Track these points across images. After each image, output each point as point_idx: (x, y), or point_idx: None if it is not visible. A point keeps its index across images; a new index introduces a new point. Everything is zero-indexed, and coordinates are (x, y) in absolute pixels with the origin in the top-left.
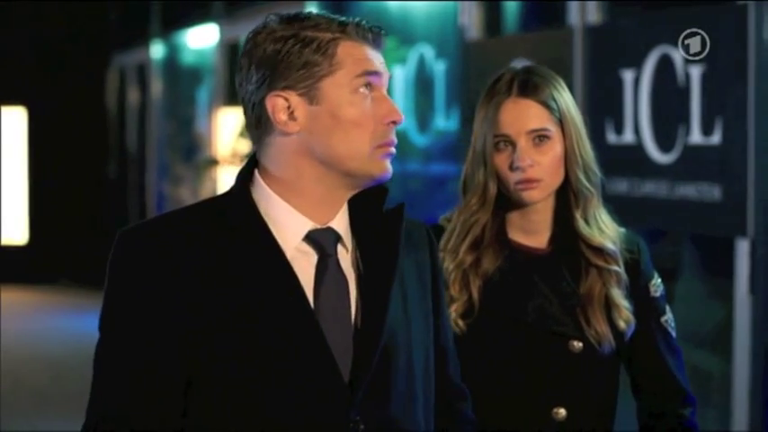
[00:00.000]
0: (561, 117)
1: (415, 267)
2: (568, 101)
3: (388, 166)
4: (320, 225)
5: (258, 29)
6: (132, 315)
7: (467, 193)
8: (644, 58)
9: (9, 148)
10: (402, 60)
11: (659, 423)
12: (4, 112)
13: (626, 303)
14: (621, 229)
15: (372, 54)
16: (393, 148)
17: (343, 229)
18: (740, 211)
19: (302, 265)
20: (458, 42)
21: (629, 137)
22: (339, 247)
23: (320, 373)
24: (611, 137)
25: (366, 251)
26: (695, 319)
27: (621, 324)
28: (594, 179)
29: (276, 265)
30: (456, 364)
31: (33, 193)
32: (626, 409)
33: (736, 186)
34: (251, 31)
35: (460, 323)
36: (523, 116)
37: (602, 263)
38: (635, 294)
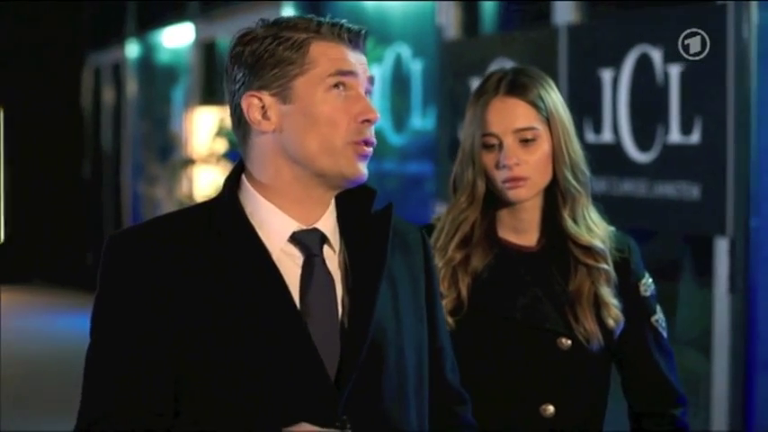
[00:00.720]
0: (549, 116)
1: (408, 269)
2: (556, 100)
3: (361, 167)
4: (306, 226)
5: (242, 31)
6: (122, 317)
7: (456, 192)
8: (623, 57)
9: None
10: (378, 60)
11: (650, 423)
12: None
13: (615, 302)
14: (612, 229)
15: (349, 54)
16: (368, 149)
17: (329, 230)
18: (719, 210)
19: (288, 266)
20: (435, 42)
21: (607, 136)
22: (326, 247)
23: (306, 372)
24: (589, 136)
25: (354, 252)
26: (677, 318)
27: (610, 322)
28: (583, 178)
29: (262, 267)
30: (454, 367)
31: (8, 192)
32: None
33: (716, 185)
34: (235, 34)
35: (449, 320)
36: (510, 115)
37: (591, 261)
38: (625, 294)
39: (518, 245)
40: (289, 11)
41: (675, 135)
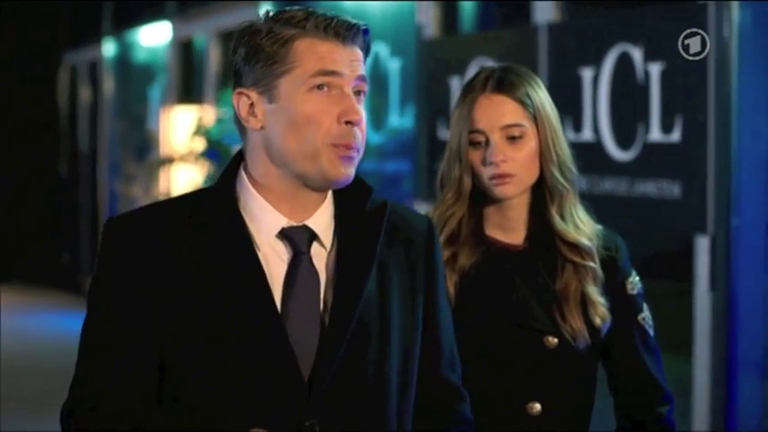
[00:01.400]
0: (536, 114)
1: (406, 265)
2: (544, 98)
3: (343, 170)
4: (296, 222)
5: (244, 23)
6: (114, 299)
7: (443, 189)
8: (603, 56)
9: None
10: None
11: (636, 421)
12: None
13: (602, 300)
14: (599, 227)
15: (338, 51)
16: (352, 152)
17: (322, 227)
18: (700, 208)
19: (275, 261)
20: (414, 40)
21: (588, 135)
22: (315, 245)
23: (280, 369)
24: (569, 135)
25: (345, 249)
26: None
27: (597, 320)
28: (570, 176)
29: (246, 261)
30: (453, 363)
31: None
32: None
33: (696, 184)
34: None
35: None
36: (497, 111)
37: (578, 259)
38: (612, 292)
39: (505, 243)
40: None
41: (656, 133)
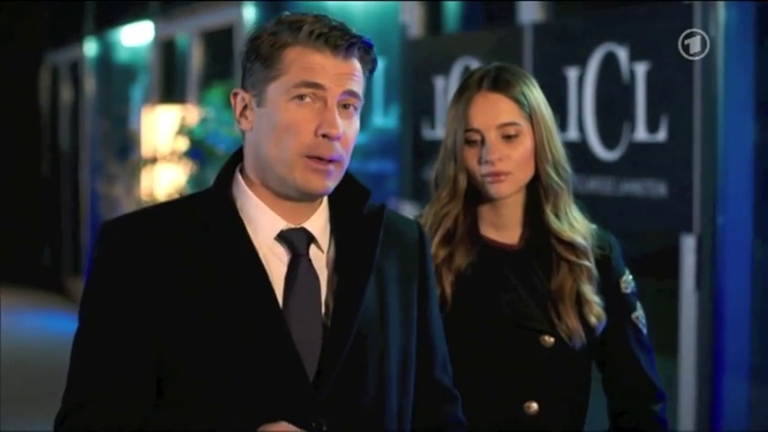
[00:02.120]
0: (531, 113)
1: (401, 269)
2: (539, 98)
3: (316, 182)
4: (294, 225)
5: (257, 24)
6: (109, 303)
7: (438, 188)
8: (588, 55)
9: None
10: None
11: (629, 419)
12: None
13: (597, 299)
14: (593, 226)
15: (327, 62)
16: (327, 165)
17: (318, 230)
18: (686, 207)
19: (275, 263)
20: (398, 40)
21: (573, 134)
22: (313, 247)
23: (285, 371)
24: None
25: (343, 252)
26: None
27: (592, 319)
28: (565, 175)
29: (247, 263)
30: (446, 365)
31: None
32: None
33: (682, 183)
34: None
35: None
36: (493, 110)
37: (573, 258)
38: (606, 291)
39: (500, 243)
40: (249, 10)
41: (642, 133)
